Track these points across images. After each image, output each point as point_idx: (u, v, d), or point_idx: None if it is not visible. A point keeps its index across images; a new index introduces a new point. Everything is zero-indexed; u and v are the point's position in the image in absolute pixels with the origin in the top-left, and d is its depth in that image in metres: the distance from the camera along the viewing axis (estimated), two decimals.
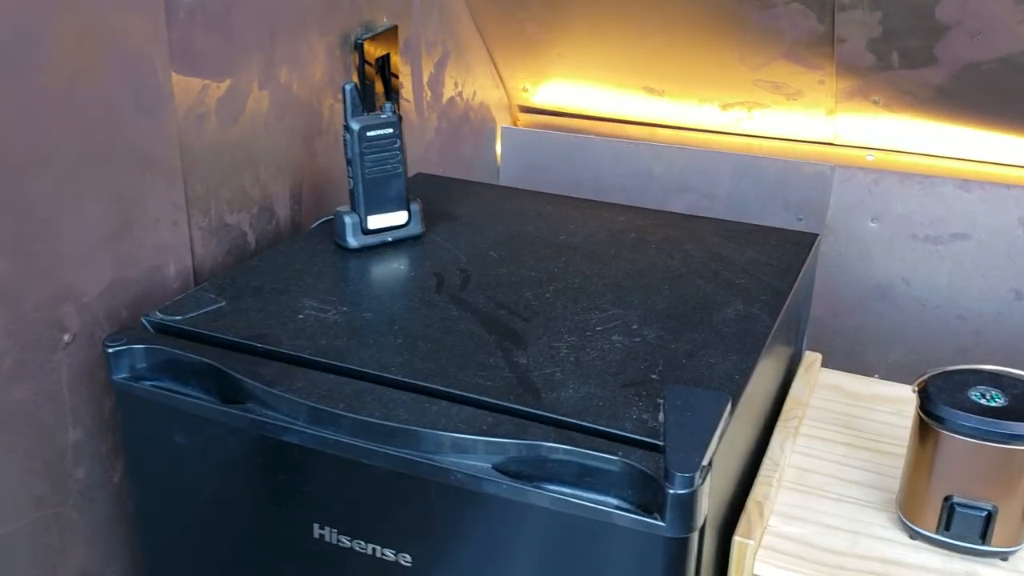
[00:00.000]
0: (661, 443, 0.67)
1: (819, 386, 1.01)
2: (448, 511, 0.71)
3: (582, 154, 1.63)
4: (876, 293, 1.52)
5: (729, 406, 0.71)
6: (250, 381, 0.76)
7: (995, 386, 0.76)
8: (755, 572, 0.76)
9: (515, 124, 1.68)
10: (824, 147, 1.52)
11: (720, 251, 1.01)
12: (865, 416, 0.96)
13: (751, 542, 0.75)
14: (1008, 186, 1.38)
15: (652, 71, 1.49)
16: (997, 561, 0.76)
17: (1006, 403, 0.74)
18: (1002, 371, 0.77)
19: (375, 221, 0.99)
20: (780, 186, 1.54)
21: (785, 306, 0.89)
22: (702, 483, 0.64)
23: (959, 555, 0.77)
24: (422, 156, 1.40)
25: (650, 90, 1.53)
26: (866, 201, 1.49)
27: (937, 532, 0.77)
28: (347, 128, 0.97)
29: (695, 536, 0.66)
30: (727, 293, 0.91)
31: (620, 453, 0.66)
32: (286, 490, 0.77)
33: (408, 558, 0.74)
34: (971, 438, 0.73)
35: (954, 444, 0.74)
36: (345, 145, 0.98)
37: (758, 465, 0.86)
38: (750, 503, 0.79)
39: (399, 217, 1.01)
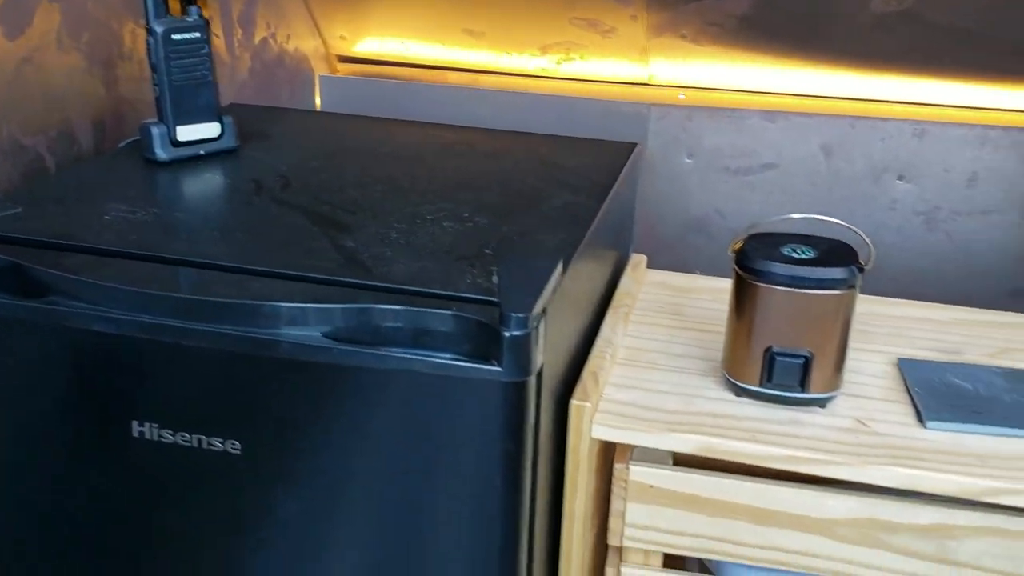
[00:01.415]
0: (496, 299, 0.66)
1: (646, 283, 1.04)
2: (278, 388, 0.68)
3: (404, 102, 1.61)
4: (695, 226, 1.59)
5: (561, 266, 0.71)
6: (54, 272, 0.70)
7: (805, 244, 0.80)
8: (593, 435, 0.77)
9: (334, 73, 1.64)
10: (639, 87, 1.58)
11: (548, 158, 1.02)
12: (690, 304, 0.99)
13: (587, 404, 0.76)
14: (809, 115, 1.47)
15: (471, 13, 1.50)
16: (817, 409, 0.80)
17: (815, 255, 0.79)
18: (815, 220, 0.81)
19: (185, 132, 0.94)
20: (600, 127, 1.57)
21: (609, 196, 0.91)
22: (536, 327, 0.64)
23: (782, 406, 0.80)
24: (235, 98, 1.35)
25: (470, 32, 1.53)
26: (681, 138, 1.55)
27: (760, 385, 0.80)
28: (150, 31, 0.91)
29: (532, 381, 0.65)
30: (555, 188, 0.92)
31: (455, 308, 0.65)
32: (99, 388, 0.71)
33: (237, 445, 0.70)
34: (785, 287, 0.77)
35: (770, 295, 0.78)
36: (149, 50, 0.92)
37: (591, 347, 0.87)
38: (585, 373, 0.80)
39: (211, 129, 0.96)
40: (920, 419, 0.79)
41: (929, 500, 0.76)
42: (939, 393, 0.82)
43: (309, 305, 0.66)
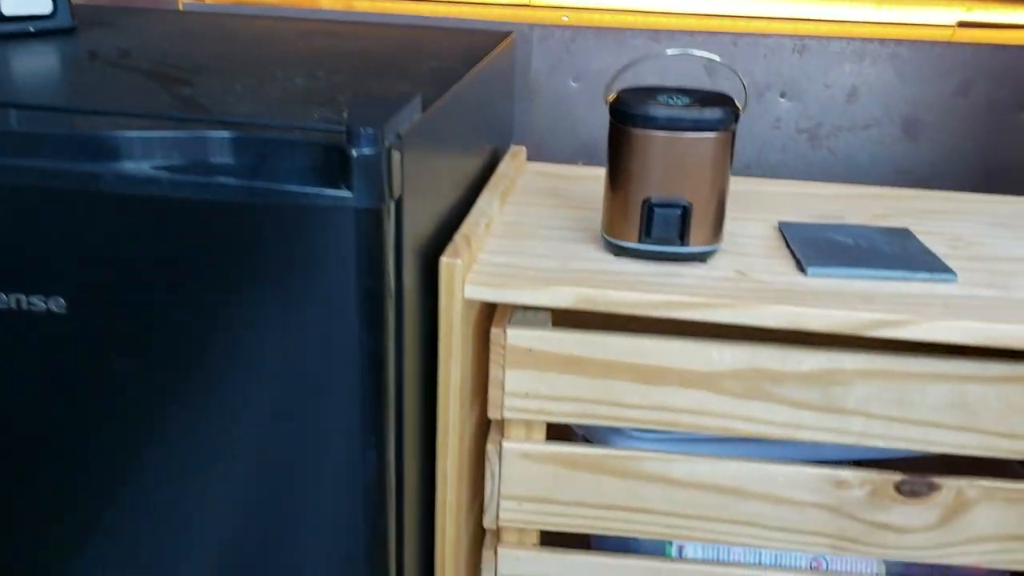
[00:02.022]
0: (345, 127, 0.60)
1: (526, 172, 0.99)
2: (105, 231, 0.61)
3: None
4: (584, 152, 1.55)
5: (419, 99, 0.66)
6: None
7: (681, 93, 0.77)
8: (466, 295, 0.72)
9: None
10: (521, 9, 1.53)
11: (414, 40, 0.96)
12: (571, 188, 0.95)
13: (458, 261, 0.71)
14: (693, 33, 1.45)
15: None
16: (697, 264, 0.77)
17: (690, 102, 0.75)
18: (689, 54, 0.78)
19: (10, 6, 0.86)
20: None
21: (480, 67, 0.86)
22: (390, 150, 0.59)
23: (662, 262, 0.77)
24: None
25: None
26: (566, 61, 1.51)
27: (639, 241, 0.76)
28: None
29: (390, 211, 0.60)
30: (422, 57, 0.87)
31: (299, 132, 0.59)
32: None
33: (62, 303, 0.63)
34: (662, 131, 0.73)
35: (647, 141, 0.74)
36: None
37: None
38: (457, 236, 0.75)
39: (42, 4, 0.87)
40: (801, 268, 0.77)
41: (813, 346, 0.73)
42: (820, 247, 0.80)
43: (135, 134, 0.59)
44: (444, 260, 0.71)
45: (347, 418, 0.63)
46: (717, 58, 0.78)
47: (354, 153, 0.57)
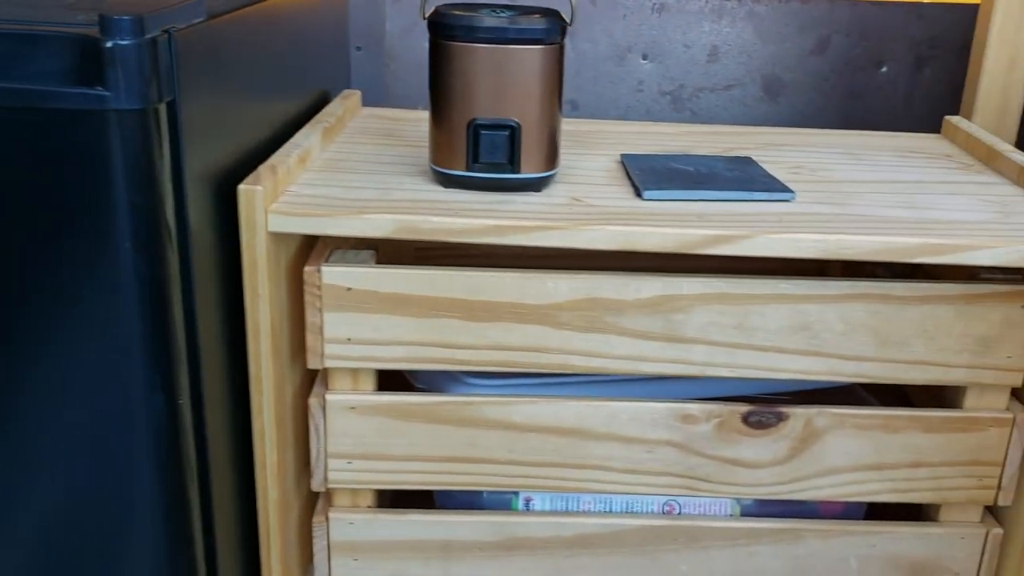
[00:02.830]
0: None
1: (360, 115, 0.93)
2: None
3: None
4: None
5: (204, 3, 0.59)
6: None
7: (506, 7, 0.72)
8: (270, 228, 0.65)
9: None
10: None
11: None
12: (408, 129, 0.89)
13: (259, 188, 0.64)
14: None
15: None
16: (531, 193, 0.72)
17: (515, 15, 0.70)
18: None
19: None
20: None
21: None
22: (155, 43, 0.52)
23: (494, 192, 0.72)
24: None
25: None
26: (421, 24, 1.45)
27: (467, 169, 0.71)
28: None
29: (158, 111, 0.53)
30: None
31: (51, 29, 0.52)
32: None
33: None
34: (484, 43, 0.68)
35: (470, 56, 0.68)
36: None
37: None
38: (262, 167, 0.68)
39: None
40: (638, 194, 0.72)
41: (651, 273, 0.69)
42: (659, 173, 0.76)
43: None
44: (243, 188, 0.64)
45: (126, 355, 0.56)
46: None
47: (108, 44, 0.50)
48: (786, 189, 0.73)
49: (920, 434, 0.72)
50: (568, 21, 0.71)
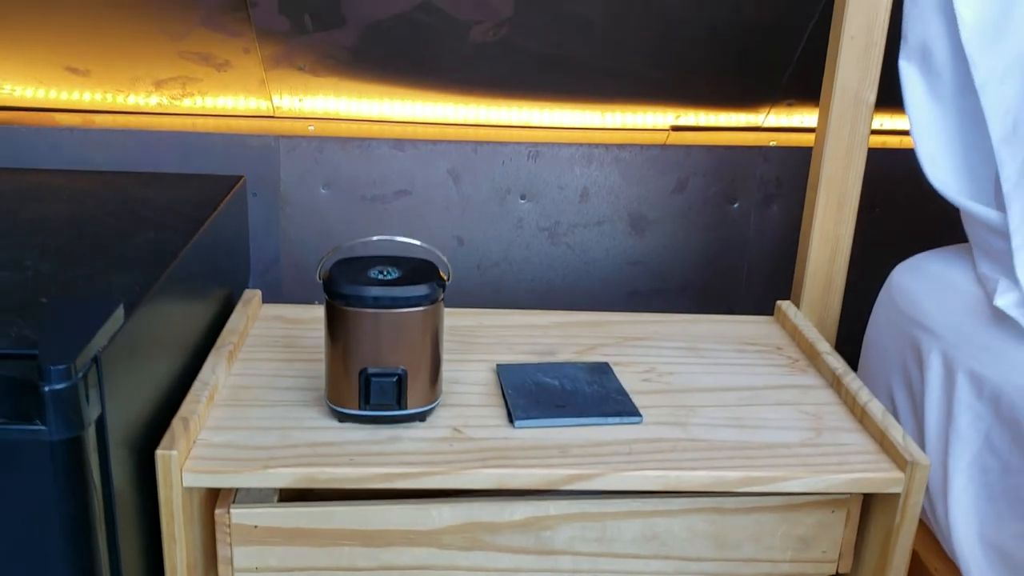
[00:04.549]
0: (37, 356, 0.61)
1: (261, 318, 1.01)
2: None
3: (10, 149, 1.47)
4: None
5: (121, 309, 0.67)
6: None
7: (391, 265, 0.82)
8: (185, 484, 0.73)
9: None
10: (267, 120, 1.56)
11: (139, 196, 0.96)
12: (304, 335, 0.98)
13: (174, 452, 0.72)
14: (435, 142, 1.53)
15: (72, 51, 1.40)
16: (417, 423, 0.82)
17: (400, 275, 0.81)
18: (398, 241, 0.83)
19: None
20: (229, 162, 1.53)
21: (201, 232, 0.87)
22: (85, 378, 0.60)
23: (383, 425, 0.81)
24: None
25: (74, 70, 1.43)
26: (314, 170, 1.54)
27: (360, 408, 0.80)
28: None
29: (89, 435, 0.61)
30: (139, 226, 0.87)
31: None
32: None
33: None
34: (373, 308, 0.78)
35: (360, 318, 0.78)
36: None
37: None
38: (175, 420, 0.76)
39: None
40: (511, 419, 0.83)
41: (522, 496, 0.80)
42: (529, 393, 0.87)
43: None
44: (159, 453, 0.72)
45: None
46: (418, 242, 0.84)
47: (46, 389, 0.58)
48: (635, 412, 0.85)
49: None
50: (447, 277, 0.82)
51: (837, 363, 0.94)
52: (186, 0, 1.31)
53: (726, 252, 1.61)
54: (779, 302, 1.09)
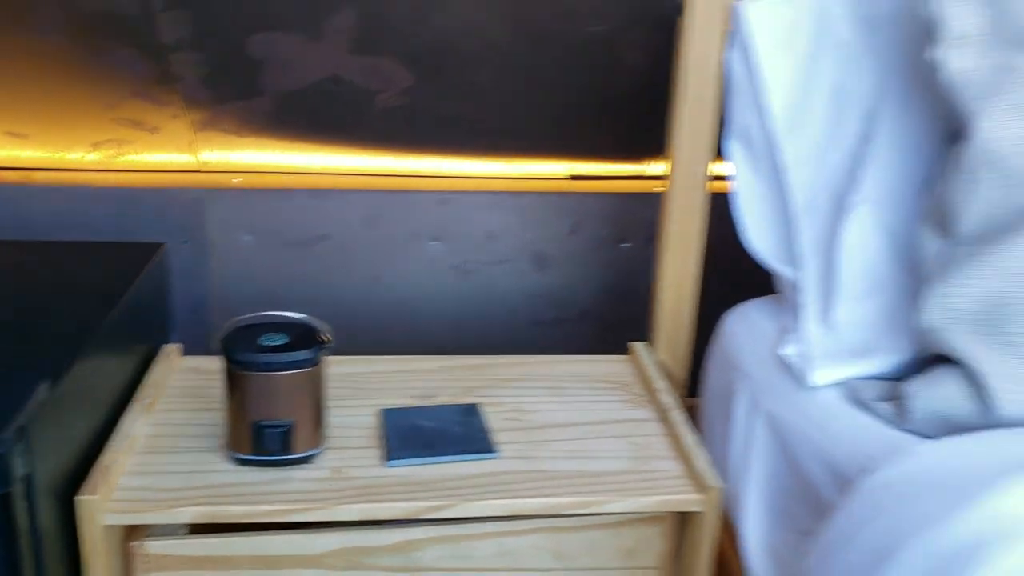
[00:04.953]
0: None
1: (180, 370, 1.16)
2: None
3: None
4: (265, 300, 1.73)
5: (47, 384, 0.82)
6: None
7: (279, 330, 0.98)
8: (105, 523, 0.88)
9: None
10: (195, 175, 1.70)
11: (67, 267, 1.11)
12: (215, 386, 1.13)
13: (95, 497, 0.87)
14: (351, 191, 1.68)
15: (13, 116, 1.54)
16: (304, 465, 0.98)
17: (287, 341, 0.96)
18: (286, 317, 0.99)
19: None
20: (162, 215, 1.67)
21: (122, 300, 1.02)
22: (11, 444, 0.75)
23: (274, 468, 0.97)
24: None
25: (14, 135, 1.57)
26: (238, 219, 1.69)
27: (254, 454, 0.96)
28: None
29: (15, 491, 0.76)
30: (64, 298, 1.02)
31: None
32: None
33: None
34: (264, 372, 0.94)
35: (252, 380, 0.94)
36: None
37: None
38: (96, 469, 0.91)
39: None
40: (388, 457, 0.99)
41: (395, 524, 0.96)
42: (405, 435, 1.03)
43: None
44: (80, 499, 0.87)
45: None
46: (301, 315, 0.99)
47: None
48: (490, 449, 1.01)
49: None
50: (330, 339, 0.97)
51: (668, 399, 1.11)
52: (118, 74, 1.46)
53: (618, 284, 1.78)
54: (631, 343, 1.26)
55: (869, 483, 0.77)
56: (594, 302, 1.78)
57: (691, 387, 1.41)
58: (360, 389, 1.14)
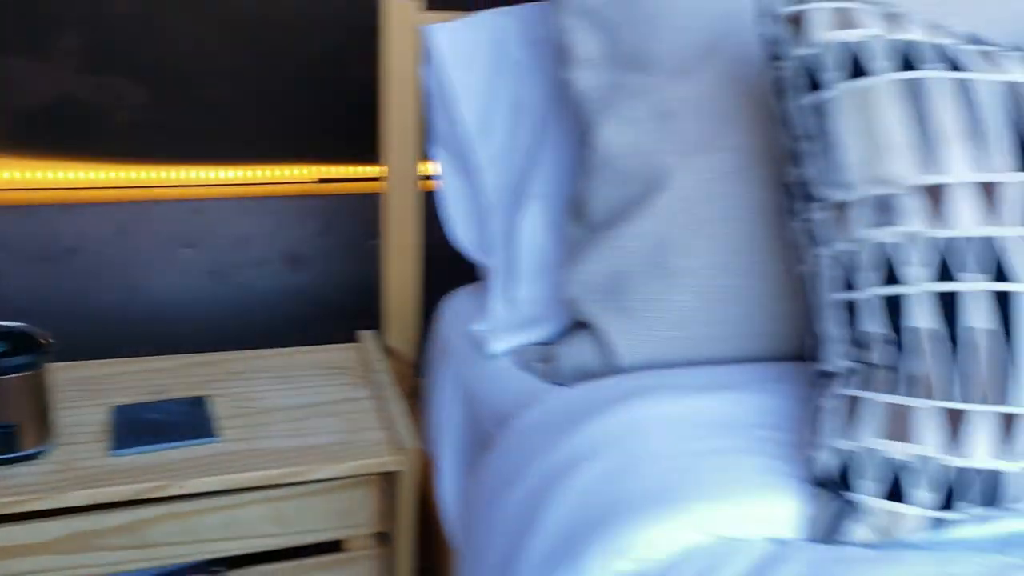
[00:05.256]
0: None
1: None
2: None
3: None
4: (14, 316, 1.75)
5: None
6: None
7: (1, 339, 1.05)
8: None
9: None
10: None
11: None
12: None
13: None
14: (102, 204, 1.73)
15: None
16: (32, 462, 1.06)
17: (7, 348, 1.04)
18: (6, 326, 1.06)
19: None
20: None
21: None
22: None
23: (4, 466, 1.04)
24: None
25: None
26: None
27: None
28: None
29: None
30: None
31: None
32: None
33: None
34: None
35: None
36: None
37: None
38: None
39: None
40: (114, 447, 1.09)
41: (123, 506, 1.05)
42: (132, 427, 1.13)
43: None
44: None
45: None
46: (14, 324, 1.07)
47: None
48: (211, 434, 1.12)
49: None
50: (50, 343, 1.05)
51: (384, 378, 1.26)
52: None
53: (366, 279, 1.92)
54: (359, 331, 1.40)
55: (514, 425, 0.95)
56: (346, 297, 1.91)
57: (423, 368, 1.57)
58: (94, 390, 1.22)
